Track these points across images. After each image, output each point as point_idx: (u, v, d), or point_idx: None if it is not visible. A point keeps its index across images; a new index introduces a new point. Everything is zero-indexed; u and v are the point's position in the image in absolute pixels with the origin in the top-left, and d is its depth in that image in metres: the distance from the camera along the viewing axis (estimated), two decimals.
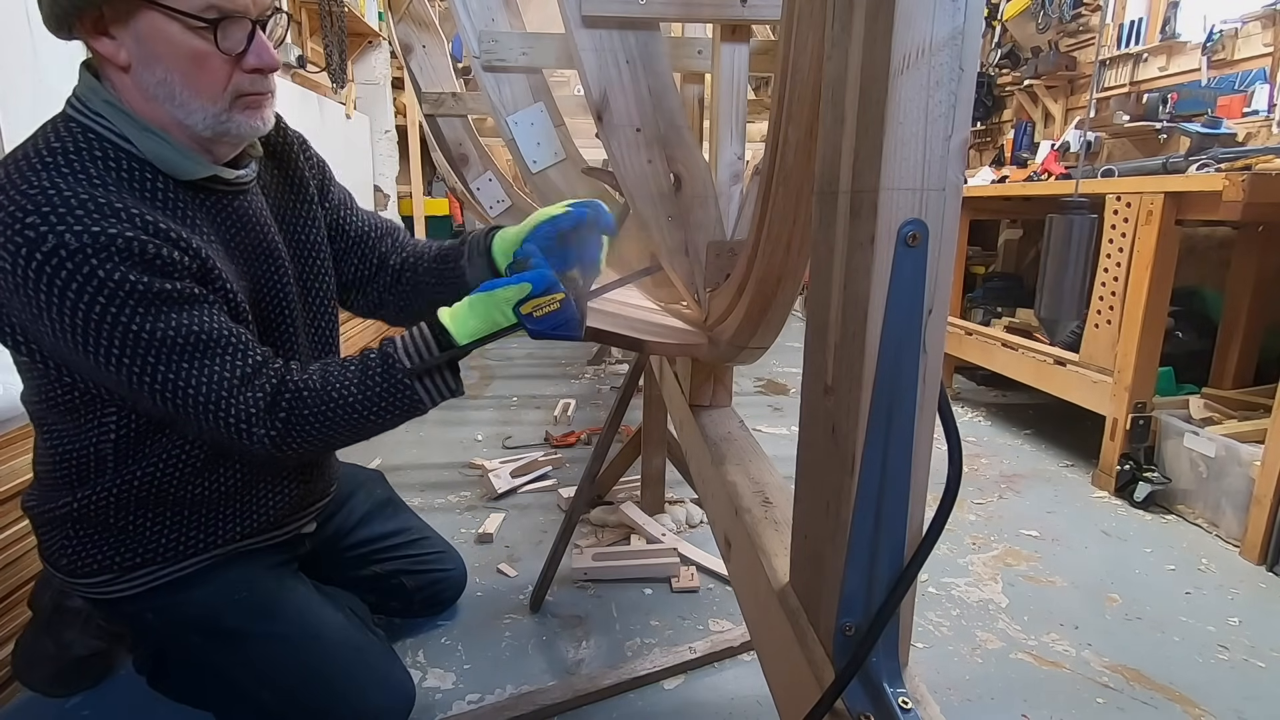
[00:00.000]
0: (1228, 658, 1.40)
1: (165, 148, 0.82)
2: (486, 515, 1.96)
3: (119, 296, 0.74)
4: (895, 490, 0.51)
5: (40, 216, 0.72)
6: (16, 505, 1.29)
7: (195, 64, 0.79)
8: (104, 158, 0.79)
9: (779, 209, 0.66)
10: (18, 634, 1.24)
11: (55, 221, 0.72)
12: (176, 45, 0.77)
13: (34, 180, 0.74)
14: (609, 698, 1.26)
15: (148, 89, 0.80)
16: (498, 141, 2.36)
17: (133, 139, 0.80)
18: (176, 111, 0.81)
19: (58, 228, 0.72)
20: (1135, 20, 3.02)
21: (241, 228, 0.91)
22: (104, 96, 0.80)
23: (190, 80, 0.79)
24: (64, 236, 0.72)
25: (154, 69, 0.79)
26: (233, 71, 0.81)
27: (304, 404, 0.83)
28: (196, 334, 0.78)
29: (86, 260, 0.73)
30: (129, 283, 0.74)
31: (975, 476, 2.29)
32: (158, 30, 0.76)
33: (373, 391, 0.85)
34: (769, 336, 0.89)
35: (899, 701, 0.52)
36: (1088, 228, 1.43)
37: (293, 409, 0.83)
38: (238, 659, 0.97)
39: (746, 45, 1.13)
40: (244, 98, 0.83)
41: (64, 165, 0.76)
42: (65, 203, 0.73)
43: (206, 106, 0.81)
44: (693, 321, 1.17)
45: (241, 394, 0.80)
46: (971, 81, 0.45)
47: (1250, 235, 2.31)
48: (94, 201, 0.74)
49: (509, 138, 1.23)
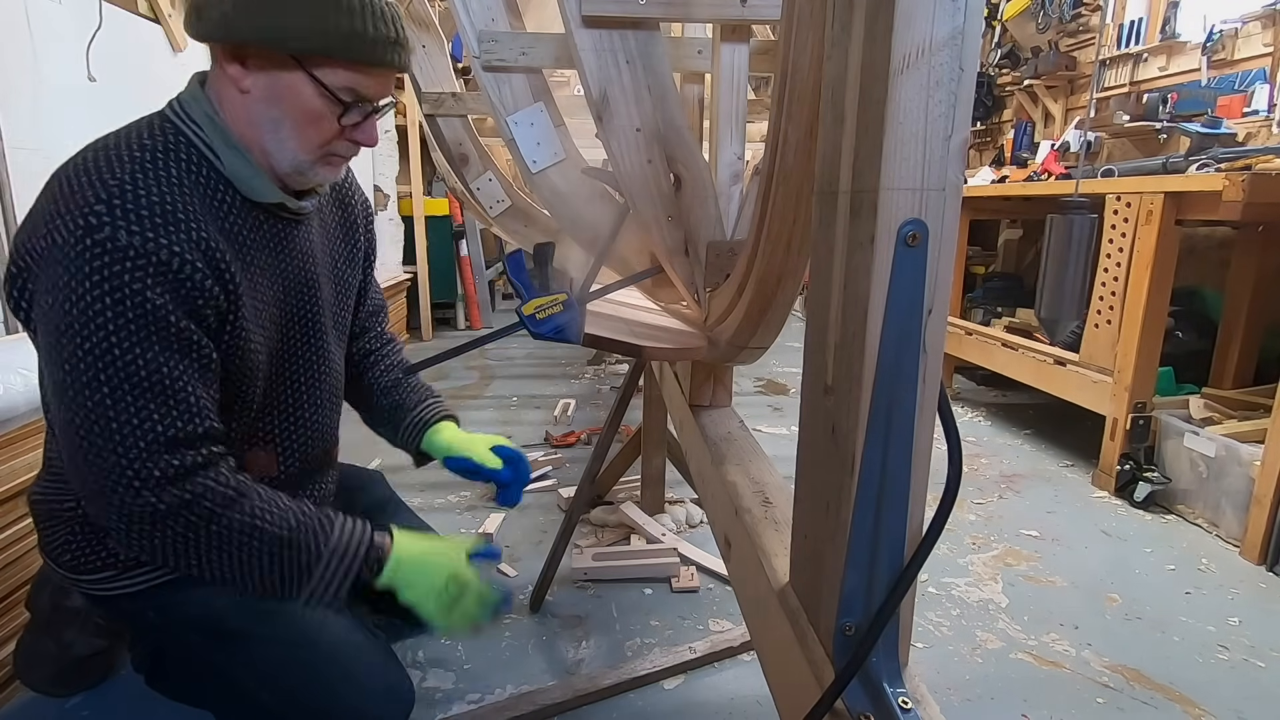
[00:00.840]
0: (1228, 658, 1.40)
1: (247, 168, 0.86)
2: (486, 515, 1.96)
3: (125, 306, 0.75)
4: (895, 490, 0.51)
5: (107, 207, 0.75)
6: (17, 505, 1.29)
7: (310, 121, 0.85)
8: (188, 161, 0.83)
9: (779, 209, 0.66)
10: (18, 634, 1.24)
11: (119, 216, 0.75)
12: (303, 101, 0.83)
13: (117, 172, 0.78)
14: (609, 697, 1.27)
15: (255, 117, 0.85)
16: (498, 141, 2.36)
17: (220, 153, 0.85)
18: (270, 144, 0.86)
19: (118, 223, 0.75)
20: (1135, 20, 3.02)
21: (292, 255, 0.96)
22: (205, 109, 0.85)
23: (298, 131, 0.85)
24: (119, 233, 0.75)
25: (271, 108, 0.84)
26: (337, 137, 0.87)
27: (207, 499, 0.80)
28: (160, 378, 0.78)
29: (123, 260, 0.75)
30: (144, 299, 0.76)
31: (975, 476, 2.29)
32: (293, 85, 0.83)
33: (283, 534, 0.84)
34: (769, 336, 0.89)
35: (899, 701, 0.52)
36: (1088, 228, 1.43)
37: (197, 498, 0.80)
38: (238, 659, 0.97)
39: (746, 45, 1.13)
40: (333, 156, 0.90)
41: (149, 162, 0.80)
42: (135, 201, 0.76)
43: (299, 154, 0.87)
44: (692, 321, 1.18)
45: (161, 455, 0.78)
46: (971, 81, 0.45)
47: (1250, 235, 2.31)
48: (163, 206, 0.77)
49: (509, 138, 1.23)
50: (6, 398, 1.26)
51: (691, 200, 1.08)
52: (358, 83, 0.84)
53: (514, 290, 1.01)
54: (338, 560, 0.87)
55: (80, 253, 0.74)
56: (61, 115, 1.72)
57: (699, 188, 1.08)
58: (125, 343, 0.76)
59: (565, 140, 1.25)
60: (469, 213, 4.54)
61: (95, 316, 0.75)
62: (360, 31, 0.80)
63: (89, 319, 0.75)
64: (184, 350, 0.80)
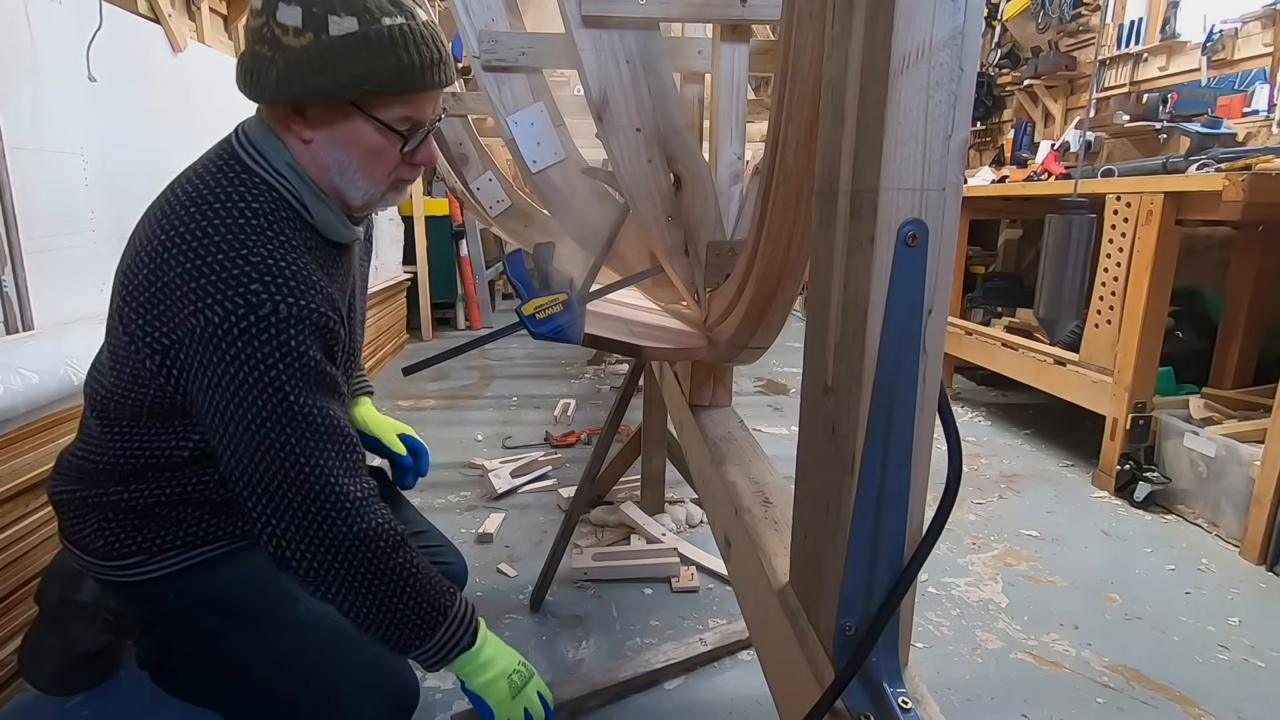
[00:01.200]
0: (1228, 658, 1.40)
1: (330, 215, 0.92)
2: (486, 515, 1.96)
3: (296, 366, 0.83)
4: (895, 490, 0.51)
5: (263, 285, 0.82)
6: (17, 505, 1.29)
7: (374, 157, 0.89)
8: (288, 220, 0.89)
9: (779, 209, 0.66)
10: (18, 632, 1.25)
11: (274, 291, 0.82)
12: (364, 141, 0.88)
13: (254, 245, 0.84)
14: (621, 696, 1.27)
15: (321, 162, 0.90)
16: (498, 141, 2.36)
17: (307, 204, 0.91)
18: (341, 184, 0.91)
19: (275, 297, 0.82)
20: (1135, 20, 3.02)
21: (348, 281, 1.04)
22: (286, 159, 0.89)
23: (365, 167, 0.90)
24: (279, 306, 0.82)
25: (335, 151, 0.89)
26: (400, 164, 0.92)
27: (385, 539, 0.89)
28: (330, 420, 0.87)
29: (288, 328, 0.82)
30: (308, 356, 0.84)
31: (975, 476, 2.29)
32: (354, 129, 0.87)
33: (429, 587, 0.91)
34: (769, 336, 0.89)
35: (899, 701, 0.52)
36: (1087, 228, 1.43)
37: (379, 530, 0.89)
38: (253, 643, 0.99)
39: (746, 45, 1.13)
40: (400, 181, 0.95)
41: (268, 230, 0.85)
42: (282, 274, 0.83)
43: (370, 188, 0.92)
44: (692, 321, 1.18)
45: (351, 479, 0.88)
46: (971, 81, 0.45)
47: (1250, 235, 2.31)
48: (300, 274, 0.85)
49: (509, 138, 1.23)
50: (6, 398, 1.26)
51: (691, 200, 1.08)
52: (413, 110, 0.88)
53: (514, 290, 1.01)
54: (457, 624, 0.93)
55: (246, 329, 0.81)
56: (61, 115, 1.72)
57: (699, 188, 1.08)
58: (302, 397, 0.85)
59: (565, 140, 1.25)
60: (469, 213, 4.54)
61: (273, 381, 0.83)
62: (409, 64, 0.83)
63: (268, 384, 0.83)
64: (334, 392, 0.90)
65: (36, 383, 1.32)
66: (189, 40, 2.25)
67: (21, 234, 1.56)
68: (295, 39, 0.81)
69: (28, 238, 1.58)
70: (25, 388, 1.30)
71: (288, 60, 0.81)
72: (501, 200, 2.15)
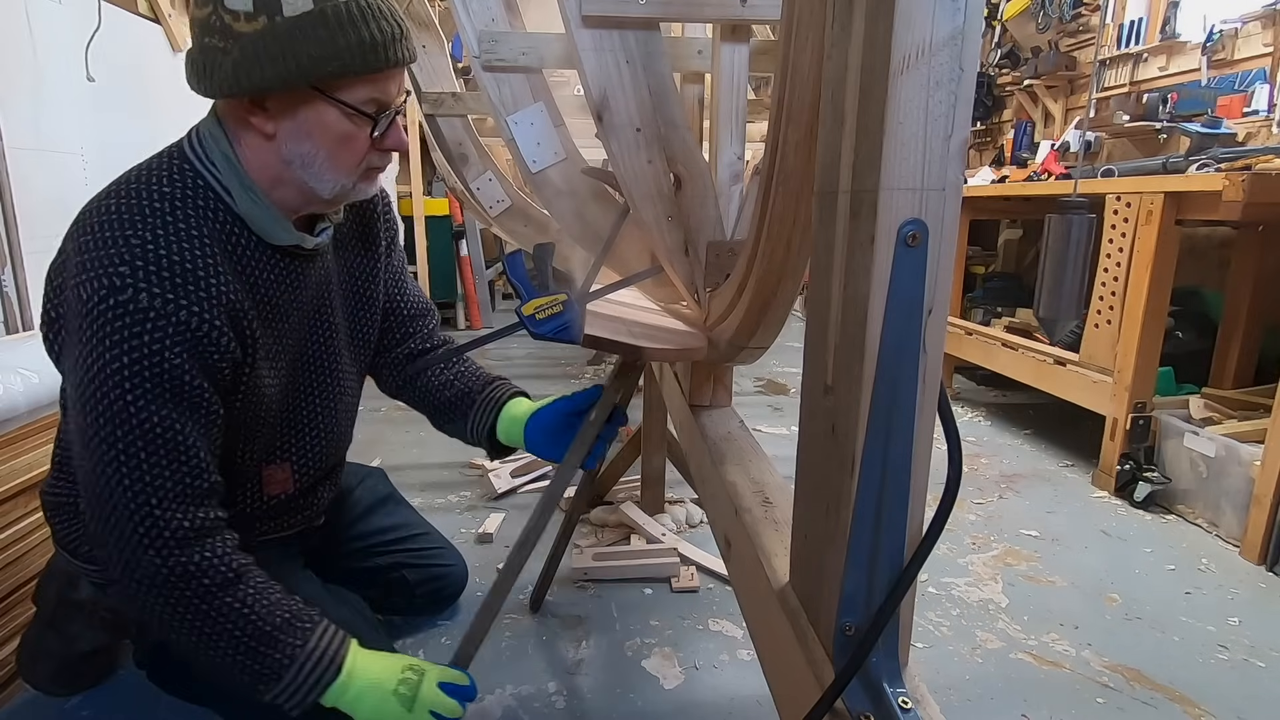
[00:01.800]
0: (1228, 658, 1.40)
1: (260, 211, 0.87)
2: (486, 515, 1.96)
3: (142, 365, 0.77)
4: (895, 490, 0.51)
5: (130, 269, 0.76)
6: (17, 505, 1.29)
7: (342, 145, 0.85)
8: (205, 207, 0.84)
9: (779, 209, 0.66)
10: (18, 632, 1.24)
11: (140, 278, 0.76)
12: (330, 128, 0.83)
13: (139, 229, 0.79)
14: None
15: (285, 156, 0.85)
16: (498, 141, 2.36)
17: (235, 195, 0.86)
18: (309, 179, 0.86)
19: (139, 285, 0.76)
20: (1135, 20, 3.02)
21: (306, 288, 0.97)
22: (223, 150, 0.85)
23: (333, 158, 0.86)
24: (140, 295, 0.76)
25: (301, 144, 0.84)
26: (369, 151, 0.88)
27: (210, 576, 0.81)
28: (172, 436, 0.80)
29: (143, 322, 0.77)
30: (161, 359, 0.78)
31: (975, 476, 2.29)
32: (318, 116, 0.83)
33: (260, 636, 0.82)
34: (769, 336, 0.89)
35: (899, 701, 0.52)
36: (1087, 228, 1.43)
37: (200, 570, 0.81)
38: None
39: (746, 45, 1.13)
40: (370, 170, 0.90)
41: (168, 215, 0.81)
42: (157, 262, 0.78)
43: (339, 179, 0.88)
44: (692, 321, 1.17)
45: (180, 507, 0.80)
46: (971, 81, 0.45)
47: (1250, 235, 2.31)
48: (183, 265, 0.79)
49: (509, 138, 1.23)
50: (6, 398, 1.26)
51: (691, 200, 1.08)
52: (378, 91, 0.84)
53: (514, 290, 1.01)
54: (312, 664, 0.85)
55: (103, 312, 0.76)
56: (61, 115, 1.72)
57: (699, 188, 1.08)
58: (140, 401, 0.78)
59: (565, 140, 1.25)
60: (469, 213, 4.54)
61: (113, 375, 0.77)
62: (371, 40, 0.79)
63: (108, 376, 0.77)
64: (194, 409, 0.82)
65: (36, 383, 1.32)
66: (189, 40, 2.25)
67: (21, 234, 1.56)
68: (247, 24, 0.76)
69: (28, 237, 1.58)
70: (25, 388, 1.30)
71: (242, 48, 0.76)
72: (501, 200, 2.15)
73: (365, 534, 1.34)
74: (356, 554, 1.33)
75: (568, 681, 1.31)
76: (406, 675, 0.89)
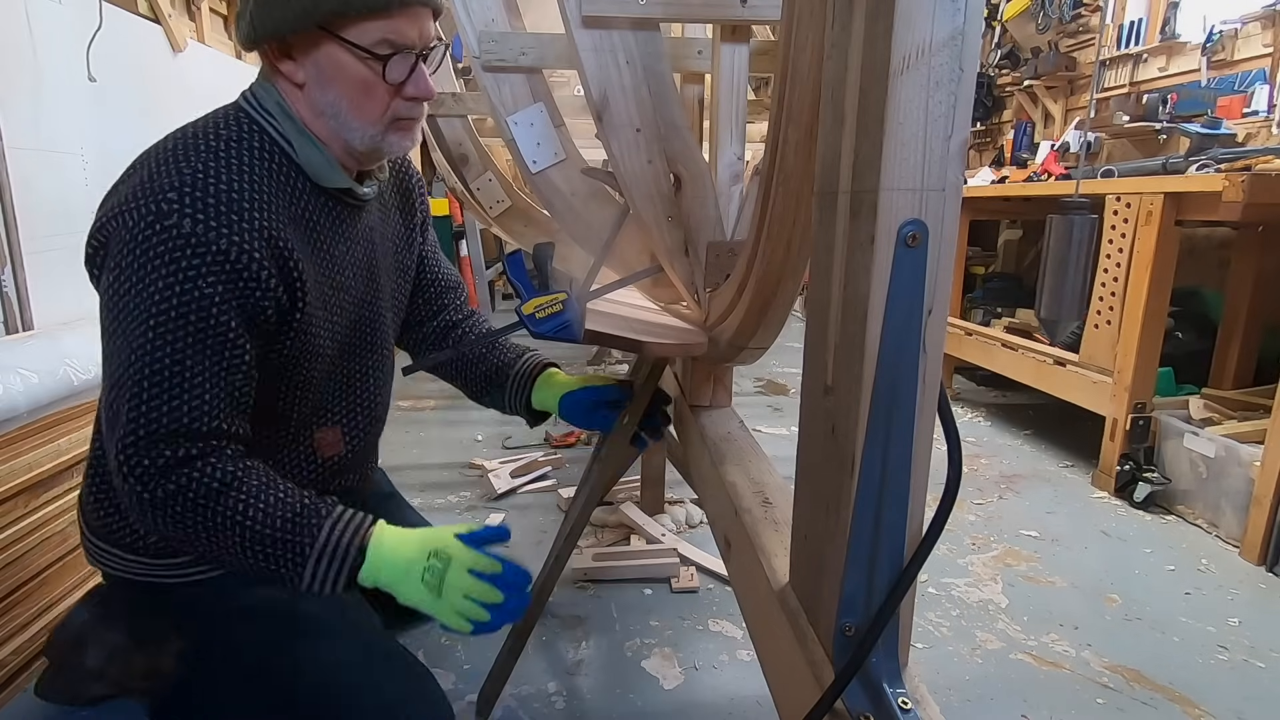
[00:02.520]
0: (1227, 658, 1.40)
1: (317, 155, 0.88)
2: (486, 515, 1.96)
3: (173, 291, 0.77)
4: (895, 490, 0.51)
5: (178, 194, 0.77)
6: (17, 505, 1.29)
7: (362, 91, 0.85)
8: (261, 149, 0.85)
9: (779, 209, 0.66)
10: (18, 632, 1.24)
11: (187, 204, 0.77)
12: (348, 74, 0.84)
13: (192, 160, 0.80)
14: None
15: (317, 106, 0.87)
16: (498, 141, 2.36)
17: (292, 141, 0.87)
18: (339, 128, 0.87)
19: (186, 210, 0.77)
20: (1135, 21, 3.02)
21: (356, 240, 0.98)
22: (276, 99, 0.87)
23: (356, 105, 0.86)
24: (184, 222, 0.76)
25: (326, 91, 0.85)
26: (393, 99, 0.87)
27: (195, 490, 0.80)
28: (183, 370, 0.79)
29: (184, 249, 0.77)
30: (195, 287, 0.78)
31: (975, 476, 2.29)
32: (334, 60, 0.84)
33: (269, 531, 0.81)
34: (769, 336, 0.89)
35: (899, 701, 0.52)
36: (1088, 228, 1.43)
37: (181, 489, 0.79)
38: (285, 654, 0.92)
39: (746, 45, 1.13)
40: (399, 120, 0.90)
41: (222, 152, 0.82)
42: (205, 190, 0.78)
43: (366, 128, 0.88)
44: (693, 321, 1.17)
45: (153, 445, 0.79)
46: (971, 82, 0.45)
47: (1250, 235, 2.31)
48: (230, 195, 0.79)
49: (509, 138, 1.23)
50: (6, 398, 1.26)
51: (691, 200, 1.08)
52: (389, 30, 0.83)
53: (514, 290, 1.01)
54: (327, 558, 0.83)
55: (147, 238, 0.77)
56: (61, 115, 1.72)
57: (699, 188, 1.08)
58: (160, 328, 0.78)
59: (565, 140, 1.25)
60: (469, 213, 4.54)
61: (144, 301, 0.77)
62: None
63: (140, 302, 0.77)
64: (216, 348, 0.80)
65: (36, 383, 1.32)
66: (189, 40, 2.25)
67: (21, 234, 1.56)
68: None
69: (27, 238, 1.58)
70: (25, 388, 1.30)
71: None
72: (501, 200, 2.15)
73: None
74: None
75: (567, 682, 1.31)
76: (431, 562, 0.85)
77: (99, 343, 0.91)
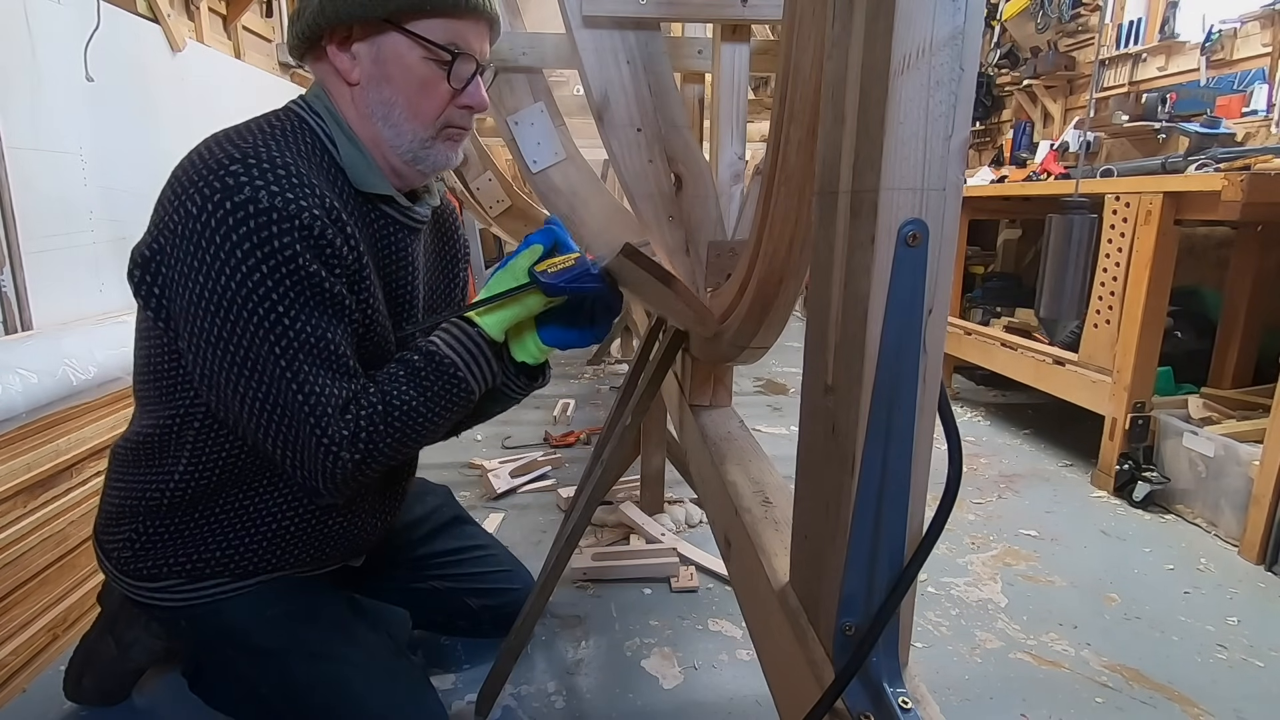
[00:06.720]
0: (1227, 657, 1.40)
1: (361, 159, 0.87)
2: (486, 515, 1.96)
3: (282, 272, 0.75)
4: (895, 490, 0.51)
5: (244, 167, 0.74)
6: (16, 505, 1.29)
7: (422, 89, 0.85)
8: (310, 145, 0.85)
9: (781, 209, 0.66)
10: (18, 632, 1.24)
11: (256, 176, 0.74)
12: (411, 69, 0.84)
13: (247, 139, 0.79)
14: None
15: (367, 106, 0.86)
16: (498, 141, 2.36)
17: (338, 143, 0.87)
18: (387, 131, 0.86)
19: (256, 182, 0.74)
20: (1134, 20, 3.03)
21: (395, 258, 0.95)
22: (326, 104, 0.87)
23: (412, 103, 0.85)
24: (259, 193, 0.73)
25: (382, 89, 0.85)
26: (449, 104, 0.87)
27: (375, 424, 0.82)
28: (327, 343, 0.79)
29: (270, 224, 0.73)
30: (297, 264, 0.75)
31: (975, 476, 2.30)
32: (398, 54, 0.83)
33: (429, 391, 0.86)
34: (771, 336, 0.89)
35: (899, 701, 0.52)
36: (1087, 228, 1.44)
37: (370, 432, 0.82)
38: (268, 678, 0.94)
39: (746, 45, 1.13)
40: (449, 129, 0.89)
41: (276, 136, 0.81)
42: (270, 162, 0.76)
43: (417, 130, 0.87)
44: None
45: (341, 417, 0.80)
46: (971, 81, 0.45)
47: (1249, 235, 2.32)
48: (295, 169, 0.77)
49: (509, 138, 1.23)
50: (6, 398, 1.26)
51: (692, 200, 1.08)
52: (456, 32, 0.84)
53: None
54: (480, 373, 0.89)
55: (223, 218, 0.73)
56: (61, 115, 1.72)
57: (700, 187, 1.08)
58: (293, 309, 0.76)
59: (565, 140, 1.25)
60: (469, 212, 4.54)
61: (257, 286, 0.74)
62: None
63: (250, 289, 0.74)
64: (338, 313, 0.81)
65: (36, 383, 1.32)
66: (188, 40, 2.24)
67: (20, 234, 1.56)
68: None
69: (27, 238, 1.58)
70: (24, 388, 1.30)
71: None
72: (501, 200, 2.15)
73: (424, 557, 1.28)
74: (411, 575, 1.27)
75: (567, 681, 1.31)
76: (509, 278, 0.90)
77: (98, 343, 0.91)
